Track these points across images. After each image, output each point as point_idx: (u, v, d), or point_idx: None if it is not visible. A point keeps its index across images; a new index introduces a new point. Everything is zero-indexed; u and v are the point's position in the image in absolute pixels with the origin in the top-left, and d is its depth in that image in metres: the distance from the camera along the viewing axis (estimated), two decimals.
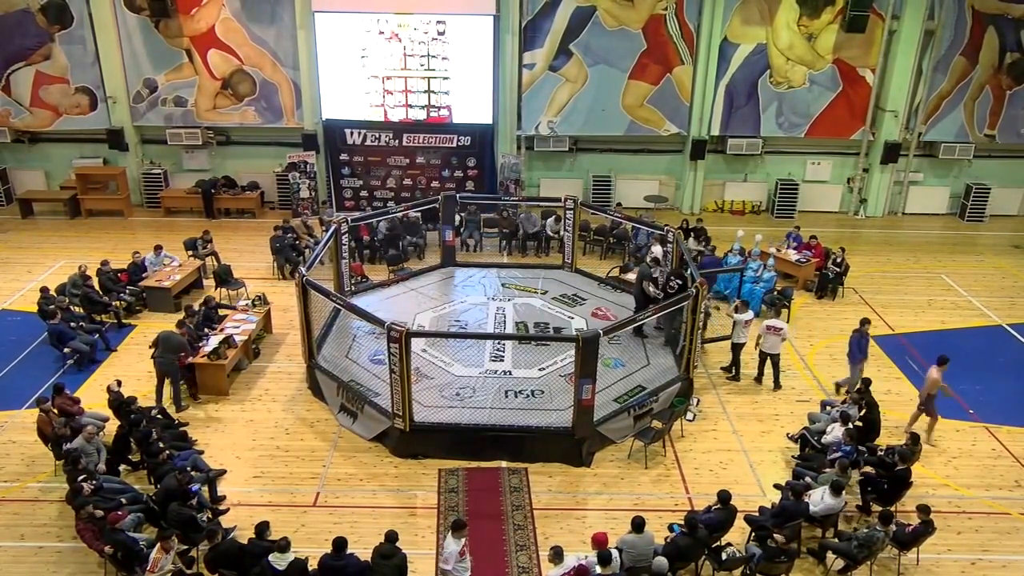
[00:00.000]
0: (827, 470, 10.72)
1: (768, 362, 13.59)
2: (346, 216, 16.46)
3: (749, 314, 13.56)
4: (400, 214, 17.75)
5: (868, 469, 10.83)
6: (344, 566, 8.72)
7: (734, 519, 9.74)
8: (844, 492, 10.02)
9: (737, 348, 13.72)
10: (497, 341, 13.87)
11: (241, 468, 11.38)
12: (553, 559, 8.62)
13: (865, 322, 13.21)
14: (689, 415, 12.64)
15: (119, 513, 9.32)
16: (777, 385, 13.62)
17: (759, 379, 13.80)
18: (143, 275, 16.05)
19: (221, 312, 14.74)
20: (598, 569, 8.61)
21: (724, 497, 9.69)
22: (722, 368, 14.06)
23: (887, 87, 20.67)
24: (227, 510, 10.37)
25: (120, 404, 11.53)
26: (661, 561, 8.65)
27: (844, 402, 12.04)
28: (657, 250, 14.71)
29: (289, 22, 19.75)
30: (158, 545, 8.83)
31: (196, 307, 14.23)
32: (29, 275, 17.24)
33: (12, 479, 11.13)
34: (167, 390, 12.67)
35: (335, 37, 19.47)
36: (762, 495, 10.94)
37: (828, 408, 12.13)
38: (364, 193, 20.72)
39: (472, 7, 19.32)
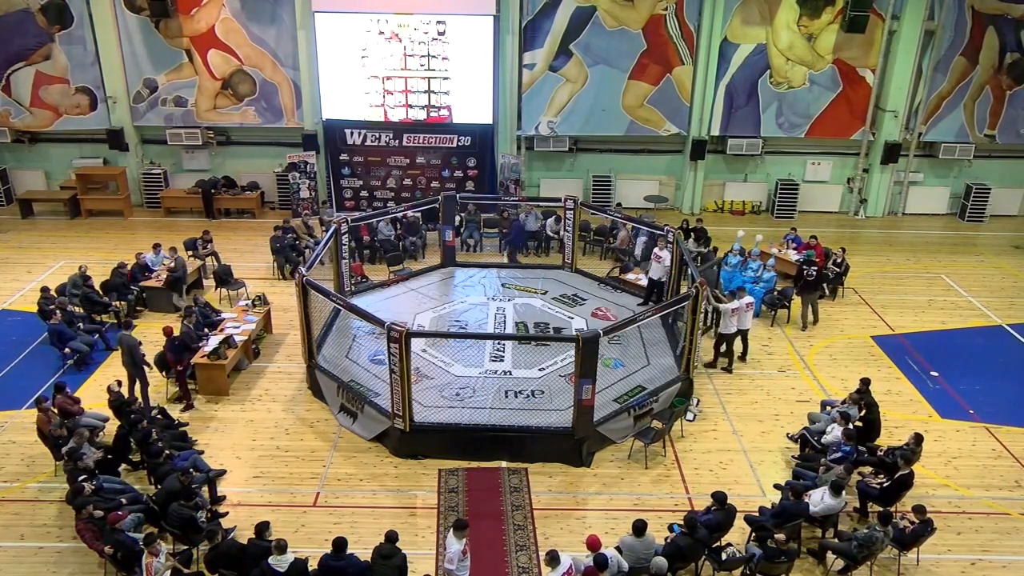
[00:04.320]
0: (822, 468, 10.75)
1: (738, 337, 14.03)
2: (346, 216, 16.46)
3: (735, 303, 13.68)
4: (400, 215, 17.80)
5: (867, 469, 10.84)
6: (344, 566, 8.72)
7: (734, 519, 9.74)
8: (844, 492, 10.02)
9: (730, 340, 13.88)
10: (497, 341, 13.87)
11: (241, 468, 11.37)
12: (549, 563, 8.58)
13: None
14: (689, 415, 12.65)
15: (119, 513, 9.32)
16: (744, 357, 14.26)
17: (713, 364, 14.15)
18: (148, 275, 16.01)
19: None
20: None
21: (720, 498, 9.68)
22: (723, 369, 14.09)
23: (887, 87, 20.67)
24: (226, 513, 10.35)
25: (120, 404, 11.53)
26: (660, 561, 8.64)
27: (844, 402, 12.04)
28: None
29: (289, 22, 19.75)
30: (145, 552, 8.78)
31: (194, 307, 14.24)
32: (29, 275, 17.24)
33: (12, 479, 11.13)
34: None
35: (335, 37, 19.47)
36: (762, 495, 10.95)
37: (828, 408, 12.13)
38: (364, 193, 20.73)
39: (472, 7, 19.32)
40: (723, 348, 14.03)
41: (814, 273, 15.39)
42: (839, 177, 21.95)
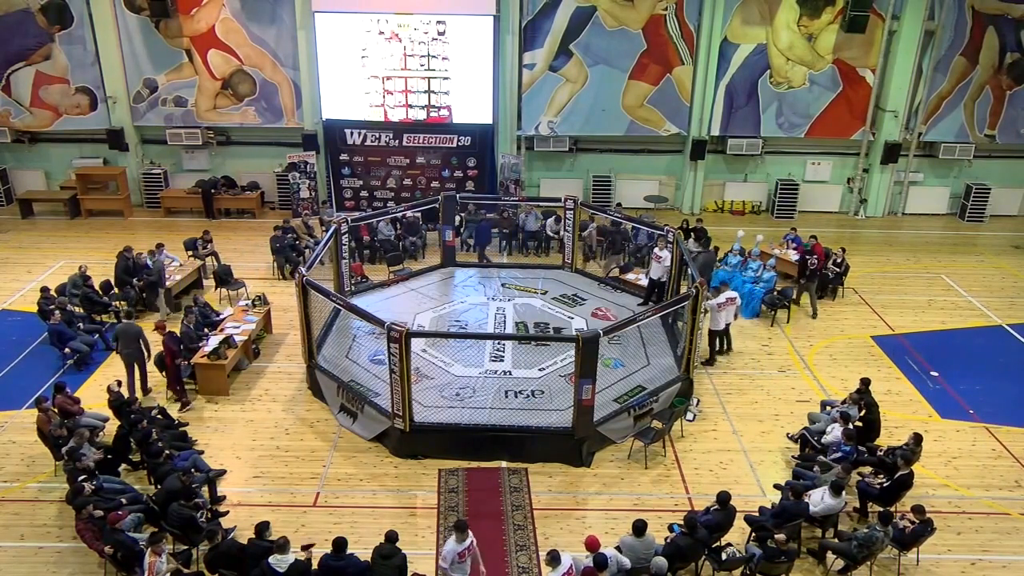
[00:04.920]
0: (817, 467, 10.75)
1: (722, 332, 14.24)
2: (346, 216, 16.47)
3: (721, 298, 13.79)
4: (400, 215, 17.80)
5: (867, 469, 10.84)
6: (344, 566, 8.71)
7: (734, 519, 9.74)
8: (844, 492, 10.02)
9: (720, 336, 14.06)
10: (497, 341, 13.87)
11: (241, 468, 11.37)
12: (549, 563, 8.57)
13: None
14: (689, 415, 12.65)
15: (119, 513, 9.32)
16: (729, 348, 14.46)
17: (712, 361, 14.17)
18: (145, 274, 15.98)
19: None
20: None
21: (723, 498, 9.69)
22: (704, 362, 14.13)
23: (887, 87, 20.67)
24: (226, 513, 10.35)
25: (120, 404, 11.53)
26: (660, 561, 8.64)
27: (844, 402, 12.04)
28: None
29: (289, 22, 19.75)
30: (149, 550, 8.79)
31: (193, 307, 14.24)
32: (29, 275, 17.24)
33: (12, 479, 11.12)
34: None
35: (335, 37, 19.47)
36: (762, 495, 10.95)
37: (828, 408, 12.13)
38: (364, 193, 20.73)
39: (472, 7, 19.31)
40: (717, 346, 14.14)
41: (816, 261, 16.07)
42: (839, 177, 21.95)
